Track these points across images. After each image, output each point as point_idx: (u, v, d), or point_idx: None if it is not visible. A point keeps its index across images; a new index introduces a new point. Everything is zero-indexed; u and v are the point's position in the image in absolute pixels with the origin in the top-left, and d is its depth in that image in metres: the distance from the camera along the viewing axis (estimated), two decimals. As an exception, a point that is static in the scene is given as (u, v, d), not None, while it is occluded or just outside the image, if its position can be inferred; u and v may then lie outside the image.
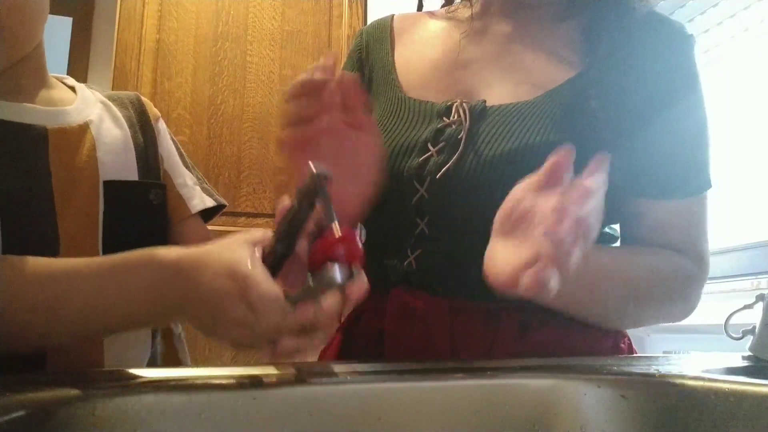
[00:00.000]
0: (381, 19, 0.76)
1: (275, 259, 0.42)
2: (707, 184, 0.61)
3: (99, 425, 0.31)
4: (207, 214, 0.68)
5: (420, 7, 0.77)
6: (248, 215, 1.75)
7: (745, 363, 0.49)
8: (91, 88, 0.64)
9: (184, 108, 1.77)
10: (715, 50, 1.62)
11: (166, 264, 0.43)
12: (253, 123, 1.81)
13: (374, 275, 0.64)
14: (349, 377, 0.38)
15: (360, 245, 0.43)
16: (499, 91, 0.63)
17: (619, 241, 0.65)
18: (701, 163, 0.61)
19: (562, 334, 0.59)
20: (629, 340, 0.66)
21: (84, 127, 0.56)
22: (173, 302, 0.43)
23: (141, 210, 0.60)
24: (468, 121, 0.59)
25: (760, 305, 0.51)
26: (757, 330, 0.50)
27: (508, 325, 0.58)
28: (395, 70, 0.69)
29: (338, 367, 0.41)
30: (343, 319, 0.72)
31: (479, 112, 0.60)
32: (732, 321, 0.54)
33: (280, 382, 0.36)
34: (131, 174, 0.59)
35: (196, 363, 0.85)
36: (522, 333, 0.58)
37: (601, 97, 0.58)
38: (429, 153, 0.59)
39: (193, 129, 1.76)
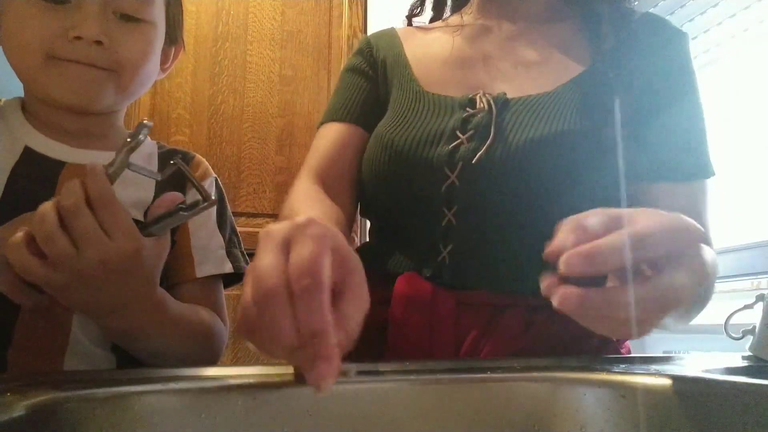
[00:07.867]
0: (382, 30, 0.81)
1: None
2: (710, 171, 0.62)
3: (99, 425, 0.31)
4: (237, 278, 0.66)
5: (410, 23, 0.81)
6: (248, 215, 1.75)
7: (745, 363, 0.49)
8: (162, 147, 0.68)
9: (184, 108, 1.76)
10: (715, 50, 1.61)
11: None
12: (253, 123, 1.80)
13: (403, 269, 0.63)
14: (349, 377, 0.38)
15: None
16: (514, 85, 0.66)
17: None
18: (700, 150, 0.62)
19: (563, 327, 0.59)
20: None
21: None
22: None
23: None
24: (495, 110, 0.61)
25: (760, 305, 0.51)
26: (757, 330, 0.50)
27: (511, 319, 0.59)
28: (410, 65, 0.72)
29: (338, 367, 0.41)
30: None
31: (503, 103, 0.63)
32: (732, 321, 0.54)
33: (280, 382, 0.36)
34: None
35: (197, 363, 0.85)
36: (526, 328, 0.59)
37: (614, 89, 0.61)
38: (459, 140, 0.61)
39: (193, 129, 1.76)
